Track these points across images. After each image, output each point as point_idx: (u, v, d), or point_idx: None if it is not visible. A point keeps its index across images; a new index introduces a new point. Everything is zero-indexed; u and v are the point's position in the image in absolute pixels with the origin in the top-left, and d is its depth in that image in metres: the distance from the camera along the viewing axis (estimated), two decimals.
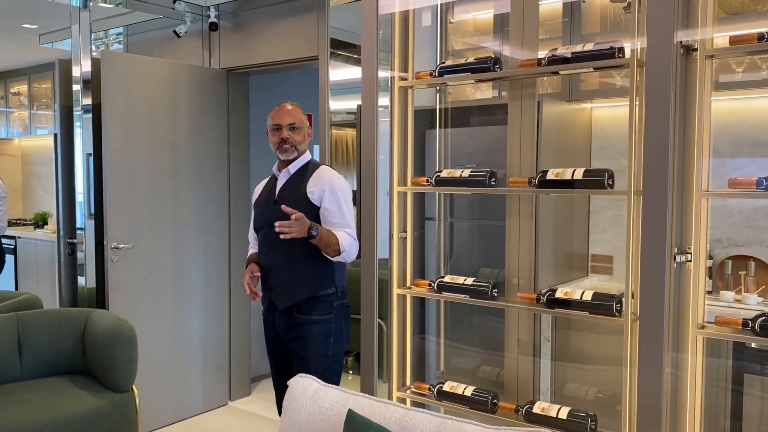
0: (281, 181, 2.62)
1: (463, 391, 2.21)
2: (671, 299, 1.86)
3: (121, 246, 3.60)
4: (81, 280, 3.75)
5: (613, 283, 3.07)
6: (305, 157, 2.63)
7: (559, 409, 2.04)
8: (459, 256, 3.13)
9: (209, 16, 4.05)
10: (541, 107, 2.58)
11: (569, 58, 1.97)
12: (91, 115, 3.61)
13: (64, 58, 3.82)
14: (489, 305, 2.21)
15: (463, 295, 2.20)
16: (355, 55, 3.71)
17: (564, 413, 2.02)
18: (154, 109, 3.75)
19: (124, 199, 3.63)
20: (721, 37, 2.03)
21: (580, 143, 3.15)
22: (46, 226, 5.97)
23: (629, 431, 1.93)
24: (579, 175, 1.96)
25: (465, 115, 3.25)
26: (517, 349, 2.29)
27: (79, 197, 3.71)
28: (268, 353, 2.75)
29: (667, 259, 1.77)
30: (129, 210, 3.66)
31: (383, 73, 2.40)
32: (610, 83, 2.99)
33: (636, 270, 1.91)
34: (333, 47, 3.66)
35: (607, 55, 1.92)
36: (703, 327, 1.92)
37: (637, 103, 1.89)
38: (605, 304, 1.95)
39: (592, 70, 2.03)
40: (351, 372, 4.26)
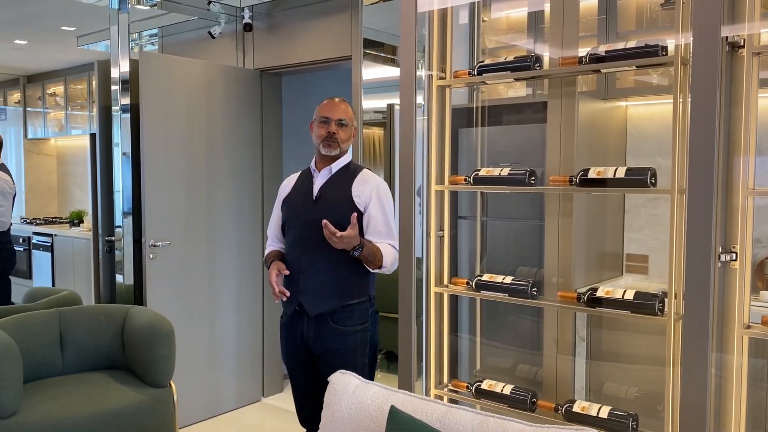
0: (320, 179, 2.52)
1: (502, 390, 2.21)
2: (716, 299, 1.84)
3: (159, 243, 3.66)
4: (118, 277, 3.83)
5: (649, 283, 3.04)
6: (346, 157, 2.56)
7: (599, 409, 2.03)
8: (492, 254, 3.13)
9: (243, 17, 4.10)
10: (577, 105, 2.56)
11: (612, 56, 1.96)
12: (129, 115, 3.68)
13: (100, 59, 3.90)
14: (529, 304, 2.20)
15: (501, 294, 2.20)
16: (383, 54, 3.72)
17: (605, 412, 2.01)
18: (190, 109, 3.81)
19: (162, 198, 3.69)
20: (766, 33, 2.00)
21: (615, 141, 3.13)
22: (81, 224, 6.08)
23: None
24: (621, 173, 1.95)
25: (498, 113, 3.24)
26: (555, 348, 2.28)
27: (117, 196, 3.78)
28: (288, 363, 2.61)
29: (712, 259, 1.75)
30: (166, 208, 3.72)
31: (419, 71, 2.40)
32: (645, 81, 2.96)
33: (679, 269, 1.89)
34: (364, 47, 3.68)
35: (651, 53, 1.90)
36: (749, 327, 1.89)
37: (681, 101, 1.87)
38: (648, 303, 1.93)
39: (634, 68, 2.01)
40: (379, 369, 4.28)
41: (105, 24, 4.27)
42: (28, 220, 6.68)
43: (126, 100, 3.68)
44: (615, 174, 1.96)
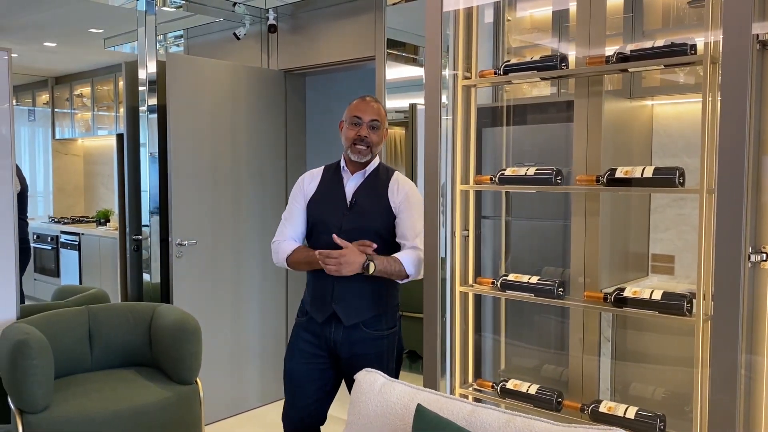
0: (353, 182, 2.44)
1: (527, 389, 2.21)
2: (746, 300, 1.82)
3: (185, 242, 3.71)
4: (145, 276, 3.89)
5: (675, 283, 3.01)
6: (377, 159, 2.50)
7: (626, 409, 2.02)
8: (516, 254, 3.12)
9: (268, 18, 4.14)
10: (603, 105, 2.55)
11: (640, 55, 1.95)
12: (156, 115, 3.73)
13: (127, 60, 3.96)
14: (555, 304, 2.20)
15: (527, 294, 2.20)
16: (405, 54, 3.73)
17: (632, 413, 2.00)
18: (215, 110, 3.86)
19: (188, 197, 3.74)
20: None
21: (640, 141, 3.10)
22: (108, 224, 6.18)
23: None
24: (649, 173, 1.94)
25: (521, 112, 3.23)
26: (582, 348, 2.28)
27: (144, 195, 3.84)
28: (298, 367, 2.47)
29: (742, 259, 1.73)
30: (192, 207, 3.77)
31: (444, 71, 2.41)
32: (671, 80, 2.93)
33: (707, 269, 1.87)
34: (387, 47, 3.70)
35: (679, 51, 1.89)
36: None
37: (710, 100, 1.86)
38: (676, 304, 1.92)
39: (662, 67, 2.00)
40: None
41: (131, 26, 4.34)
42: (56, 219, 6.80)
43: (153, 101, 3.74)
44: (643, 173, 1.95)
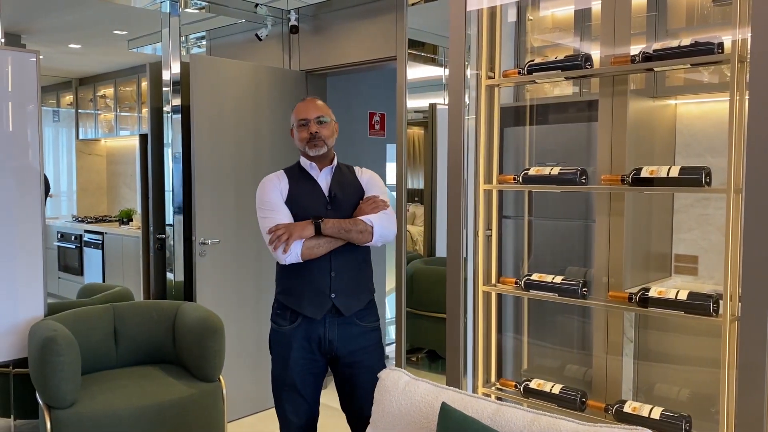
0: (325, 177, 2.44)
1: (551, 389, 2.21)
2: None
3: (208, 241, 3.75)
4: (169, 274, 3.93)
5: (699, 284, 2.98)
6: (336, 157, 2.49)
7: (651, 410, 2.01)
8: (538, 254, 3.11)
9: (290, 19, 4.16)
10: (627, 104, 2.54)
11: (665, 54, 1.94)
12: (180, 116, 3.77)
13: (151, 62, 4.00)
14: (579, 304, 2.20)
15: (551, 294, 2.20)
16: (424, 54, 3.74)
17: (657, 413, 2.00)
18: (238, 110, 3.89)
19: (211, 196, 3.78)
20: None
21: (664, 140, 3.07)
22: (131, 223, 6.25)
23: None
24: (675, 172, 1.93)
25: (544, 112, 3.22)
26: (605, 348, 2.27)
27: (168, 194, 3.88)
28: (298, 377, 2.42)
29: None
30: (215, 206, 3.80)
31: (467, 71, 2.41)
32: (695, 79, 2.91)
33: (734, 270, 1.86)
34: (408, 47, 3.71)
35: (706, 50, 1.88)
36: None
37: (737, 99, 1.85)
38: (702, 304, 1.91)
39: (688, 66, 1.99)
40: (420, 368, 4.29)
41: (154, 28, 4.39)
42: (80, 219, 6.90)
43: (177, 102, 3.78)
44: (668, 173, 1.94)
